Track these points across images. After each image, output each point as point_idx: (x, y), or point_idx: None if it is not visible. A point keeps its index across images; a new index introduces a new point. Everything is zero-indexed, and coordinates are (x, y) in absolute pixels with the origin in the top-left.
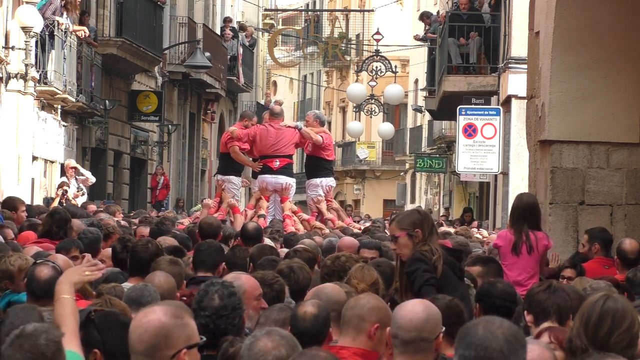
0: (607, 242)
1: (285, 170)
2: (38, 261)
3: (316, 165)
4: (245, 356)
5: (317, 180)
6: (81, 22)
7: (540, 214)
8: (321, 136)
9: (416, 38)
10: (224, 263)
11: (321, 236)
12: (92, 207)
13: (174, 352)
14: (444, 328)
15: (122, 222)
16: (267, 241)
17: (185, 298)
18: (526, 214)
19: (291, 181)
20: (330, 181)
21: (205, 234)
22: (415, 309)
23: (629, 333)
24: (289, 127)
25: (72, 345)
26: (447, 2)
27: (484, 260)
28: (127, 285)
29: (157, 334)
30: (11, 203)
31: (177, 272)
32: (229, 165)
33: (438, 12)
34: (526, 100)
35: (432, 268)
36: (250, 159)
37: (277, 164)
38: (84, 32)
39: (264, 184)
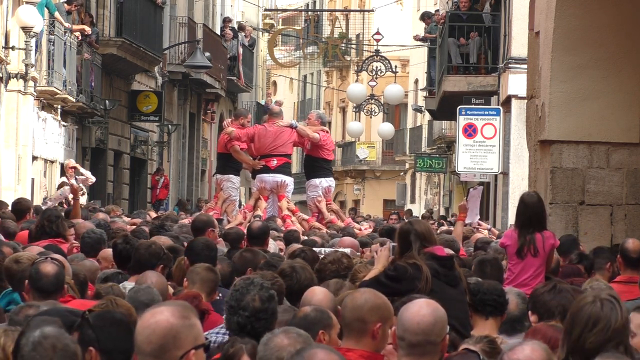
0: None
1: (283, 169)
2: (39, 259)
3: (315, 165)
4: (262, 351)
5: (317, 181)
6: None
7: (545, 213)
8: (318, 133)
9: (416, 38)
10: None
11: (319, 237)
12: (101, 215)
13: (183, 353)
14: (448, 328)
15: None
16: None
17: None
18: (532, 218)
19: (287, 179)
20: (329, 181)
21: (194, 229)
22: (422, 312)
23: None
24: (283, 126)
25: None
26: (447, 2)
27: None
28: (127, 284)
29: (166, 335)
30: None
31: (212, 278)
32: (227, 164)
33: (437, 11)
34: (526, 100)
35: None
36: (250, 158)
37: (274, 162)
38: (85, 30)
39: (262, 183)
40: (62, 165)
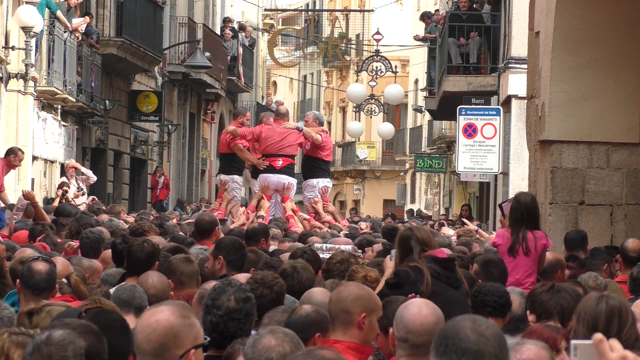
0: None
1: (288, 170)
2: (31, 257)
3: (313, 165)
4: (249, 353)
5: (314, 181)
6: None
7: (539, 212)
8: (320, 135)
9: (416, 38)
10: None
11: (320, 236)
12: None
13: (183, 352)
14: None
15: (130, 220)
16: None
17: None
18: (524, 216)
19: (293, 181)
20: (326, 182)
21: (200, 231)
22: (423, 312)
23: (634, 327)
24: (289, 128)
25: None
26: (447, 2)
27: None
28: (124, 285)
29: (166, 334)
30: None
31: (193, 270)
32: (231, 164)
33: (437, 11)
34: (526, 100)
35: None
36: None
37: (280, 163)
38: (85, 21)
39: (266, 182)
40: (62, 165)
